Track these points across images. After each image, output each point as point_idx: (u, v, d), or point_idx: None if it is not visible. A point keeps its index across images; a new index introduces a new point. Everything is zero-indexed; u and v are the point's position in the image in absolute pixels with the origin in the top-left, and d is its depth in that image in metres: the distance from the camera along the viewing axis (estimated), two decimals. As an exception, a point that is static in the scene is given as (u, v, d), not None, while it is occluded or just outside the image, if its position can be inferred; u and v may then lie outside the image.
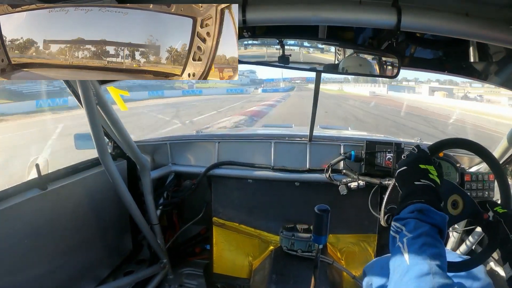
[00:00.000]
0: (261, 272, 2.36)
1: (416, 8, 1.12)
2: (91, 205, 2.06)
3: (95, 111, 1.70)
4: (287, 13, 1.14)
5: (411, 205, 1.06)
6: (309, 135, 2.42)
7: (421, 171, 1.20)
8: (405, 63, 1.72)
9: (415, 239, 0.95)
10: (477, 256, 1.38)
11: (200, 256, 2.83)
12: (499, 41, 1.17)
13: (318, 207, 1.48)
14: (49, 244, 1.75)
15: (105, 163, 1.90)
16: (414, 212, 1.03)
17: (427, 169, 1.20)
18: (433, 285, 0.83)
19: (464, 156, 2.30)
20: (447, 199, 1.33)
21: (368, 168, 2.23)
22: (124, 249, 2.55)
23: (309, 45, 1.54)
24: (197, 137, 2.70)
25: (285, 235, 2.33)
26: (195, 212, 2.61)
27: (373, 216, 2.21)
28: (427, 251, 0.91)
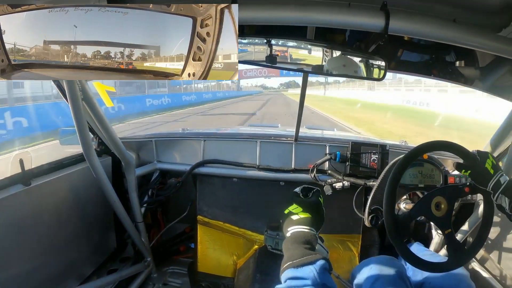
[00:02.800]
0: (245, 271, 2.36)
1: (404, 13, 1.13)
2: (75, 202, 2.04)
3: (80, 107, 1.67)
4: (276, 13, 1.13)
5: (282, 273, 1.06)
6: (295, 135, 2.42)
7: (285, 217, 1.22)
8: (392, 66, 1.73)
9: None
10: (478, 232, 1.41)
11: (185, 255, 2.82)
12: (485, 47, 1.18)
13: None
14: (32, 241, 1.73)
15: (89, 159, 1.87)
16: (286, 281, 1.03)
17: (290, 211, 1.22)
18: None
19: (448, 159, 2.33)
20: (430, 205, 1.34)
21: (353, 169, 2.24)
22: (108, 247, 2.52)
23: (297, 46, 1.54)
24: (183, 135, 2.68)
25: (270, 235, 2.32)
26: (180, 211, 2.60)
27: (357, 216, 2.22)
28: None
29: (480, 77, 1.69)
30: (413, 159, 1.43)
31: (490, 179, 1.30)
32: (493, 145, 1.93)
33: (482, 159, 1.34)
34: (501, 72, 1.61)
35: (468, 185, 1.38)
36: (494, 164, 1.33)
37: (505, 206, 1.26)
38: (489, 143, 1.96)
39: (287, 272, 1.03)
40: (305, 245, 1.11)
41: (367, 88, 37.94)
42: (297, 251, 1.08)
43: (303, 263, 1.03)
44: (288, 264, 1.05)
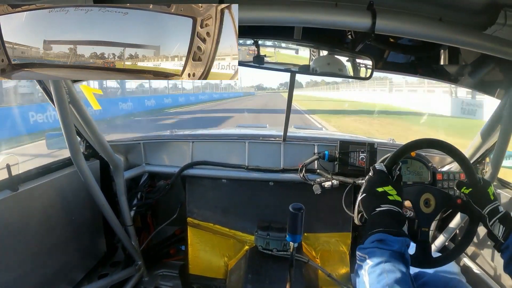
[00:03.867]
0: (237, 272, 2.36)
1: (391, 12, 1.13)
2: (63, 207, 2.01)
3: (67, 110, 1.65)
4: (263, 14, 1.13)
5: (372, 235, 1.09)
6: (283, 135, 2.42)
7: (379, 195, 1.22)
8: (379, 65, 1.74)
9: (374, 267, 1.00)
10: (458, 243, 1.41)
11: (175, 257, 2.80)
12: (471, 45, 1.19)
13: (292, 205, 1.47)
14: (21, 247, 1.70)
15: (77, 163, 1.85)
16: (374, 242, 1.07)
17: (385, 191, 1.22)
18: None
19: (435, 156, 2.35)
20: (419, 201, 1.35)
21: (341, 167, 2.25)
22: (98, 252, 2.49)
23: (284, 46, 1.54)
24: (171, 137, 2.66)
25: (260, 235, 2.33)
26: (169, 213, 2.58)
27: (347, 214, 2.24)
28: (385, 279, 0.95)
29: (466, 75, 1.71)
30: (401, 157, 1.44)
31: (488, 204, 1.31)
32: (480, 141, 1.95)
33: (486, 183, 1.36)
34: (486, 69, 1.63)
35: (462, 200, 1.38)
36: (495, 195, 1.34)
37: (497, 234, 1.28)
38: (476, 139, 1.98)
39: (379, 235, 1.08)
40: (399, 223, 1.16)
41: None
42: (394, 224, 1.13)
43: (399, 234, 1.08)
44: (382, 229, 1.10)
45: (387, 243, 1.05)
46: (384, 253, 1.02)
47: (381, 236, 1.07)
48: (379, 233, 1.08)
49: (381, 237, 1.07)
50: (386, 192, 1.21)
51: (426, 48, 1.60)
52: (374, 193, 1.23)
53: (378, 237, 1.07)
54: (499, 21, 1.08)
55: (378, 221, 1.14)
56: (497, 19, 1.08)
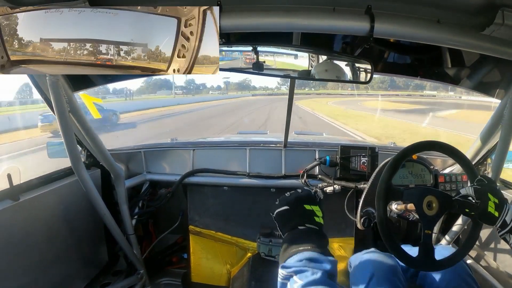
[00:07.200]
0: (239, 279, 2.34)
1: (389, 15, 1.14)
2: (65, 216, 2.00)
3: (68, 119, 1.66)
4: (262, 20, 1.14)
5: (299, 253, 1.05)
6: (284, 141, 2.41)
7: (307, 214, 1.19)
8: (378, 69, 1.74)
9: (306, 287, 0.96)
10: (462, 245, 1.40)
11: (178, 265, 2.78)
12: (470, 46, 1.20)
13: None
14: (22, 257, 1.69)
15: (78, 172, 1.85)
16: (302, 260, 1.02)
17: (313, 210, 1.19)
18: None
19: (437, 158, 2.35)
20: (421, 203, 1.33)
21: (343, 172, 2.24)
22: (100, 261, 2.48)
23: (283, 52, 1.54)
24: (171, 145, 2.65)
25: (263, 241, 2.31)
26: (171, 221, 2.57)
27: (349, 219, 2.22)
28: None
29: (466, 76, 1.71)
30: (403, 160, 1.43)
31: (496, 221, 1.28)
32: (481, 142, 1.95)
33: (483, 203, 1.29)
34: (486, 70, 1.63)
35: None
36: (497, 204, 1.29)
37: (509, 240, 1.27)
38: (477, 140, 1.97)
39: (309, 254, 1.03)
40: (326, 244, 1.13)
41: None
42: (323, 244, 1.10)
43: (327, 253, 1.05)
44: (311, 246, 1.05)
45: (320, 262, 1.01)
46: (316, 272, 0.98)
47: (311, 255, 1.03)
48: (309, 251, 1.04)
49: (312, 255, 1.03)
50: (313, 212, 1.18)
51: (425, 49, 1.60)
52: (301, 210, 1.19)
53: (308, 255, 1.03)
54: (497, 21, 1.08)
55: (305, 239, 1.10)
56: (495, 20, 1.08)
